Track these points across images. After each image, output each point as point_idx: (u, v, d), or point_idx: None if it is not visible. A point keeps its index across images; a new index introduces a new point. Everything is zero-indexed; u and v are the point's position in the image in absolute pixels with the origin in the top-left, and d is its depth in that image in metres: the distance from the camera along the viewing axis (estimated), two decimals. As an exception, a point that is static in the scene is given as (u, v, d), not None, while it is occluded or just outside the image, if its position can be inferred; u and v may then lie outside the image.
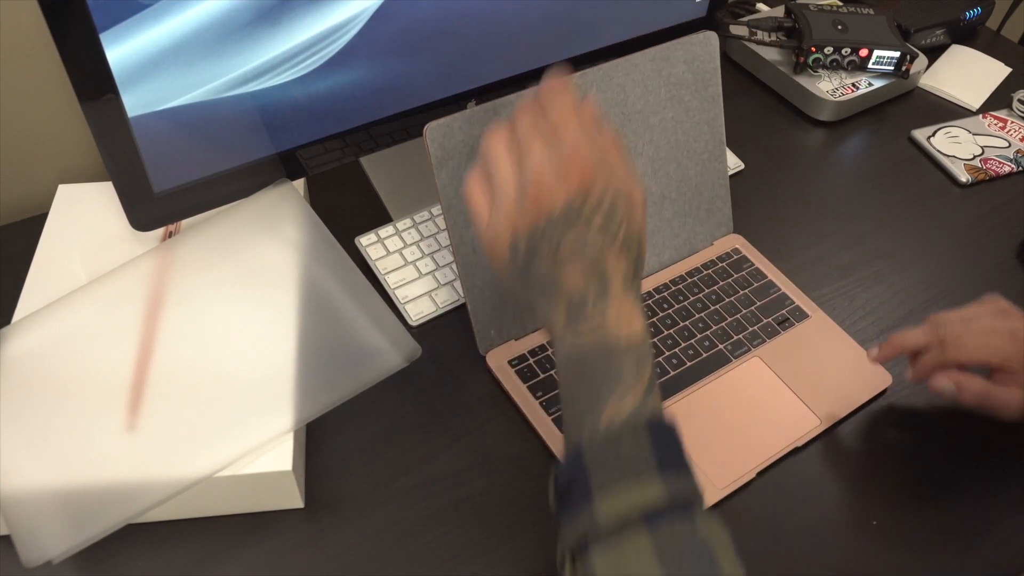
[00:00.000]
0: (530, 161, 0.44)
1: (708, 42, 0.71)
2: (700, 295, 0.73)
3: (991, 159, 0.90)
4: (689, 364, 0.67)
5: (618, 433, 0.43)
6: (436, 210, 0.77)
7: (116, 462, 0.53)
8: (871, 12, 0.98)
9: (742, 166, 0.88)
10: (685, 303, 0.72)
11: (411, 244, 0.75)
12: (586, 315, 0.44)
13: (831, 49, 0.93)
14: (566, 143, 0.44)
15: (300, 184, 0.74)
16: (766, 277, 0.75)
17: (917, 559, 0.58)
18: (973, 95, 0.99)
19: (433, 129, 0.60)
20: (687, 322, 0.70)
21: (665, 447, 0.43)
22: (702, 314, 0.71)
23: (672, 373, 0.67)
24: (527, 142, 0.45)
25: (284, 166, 0.67)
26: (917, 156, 0.92)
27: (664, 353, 0.68)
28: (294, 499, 0.58)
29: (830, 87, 0.93)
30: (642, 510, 0.41)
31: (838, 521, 0.60)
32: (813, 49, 0.93)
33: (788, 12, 0.98)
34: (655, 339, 0.69)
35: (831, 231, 0.82)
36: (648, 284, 0.73)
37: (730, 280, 0.74)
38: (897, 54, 0.93)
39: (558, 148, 0.44)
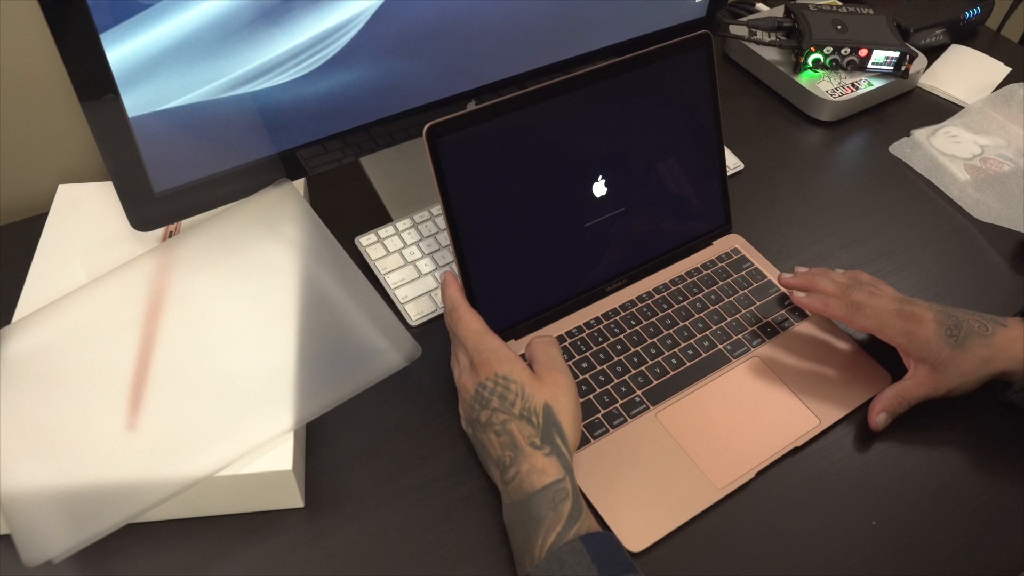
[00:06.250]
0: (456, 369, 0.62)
1: (704, 41, 0.71)
2: (700, 295, 0.73)
3: (991, 158, 0.90)
4: (689, 364, 0.67)
5: (557, 553, 0.50)
6: (436, 210, 0.77)
7: (116, 462, 0.53)
8: (871, 12, 0.98)
9: (742, 166, 0.88)
10: (685, 303, 0.72)
11: (411, 244, 0.75)
12: (508, 475, 0.54)
13: (831, 49, 0.93)
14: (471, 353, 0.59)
15: (300, 184, 0.74)
16: (766, 277, 0.75)
17: (916, 559, 0.58)
18: (973, 95, 0.99)
19: (433, 129, 0.60)
20: (687, 322, 0.70)
21: (604, 552, 0.50)
22: (702, 314, 0.71)
23: (672, 373, 0.67)
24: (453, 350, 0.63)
25: (284, 166, 0.67)
26: (917, 156, 0.92)
27: (664, 353, 0.68)
28: (294, 499, 0.58)
29: (830, 87, 0.93)
30: None
31: (838, 521, 0.60)
32: (813, 49, 0.93)
33: (788, 12, 0.98)
34: (655, 339, 0.69)
35: (831, 231, 0.82)
36: (648, 284, 0.73)
37: (730, 280, 0.74)
38: (897, 54, 0.93)
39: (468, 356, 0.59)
